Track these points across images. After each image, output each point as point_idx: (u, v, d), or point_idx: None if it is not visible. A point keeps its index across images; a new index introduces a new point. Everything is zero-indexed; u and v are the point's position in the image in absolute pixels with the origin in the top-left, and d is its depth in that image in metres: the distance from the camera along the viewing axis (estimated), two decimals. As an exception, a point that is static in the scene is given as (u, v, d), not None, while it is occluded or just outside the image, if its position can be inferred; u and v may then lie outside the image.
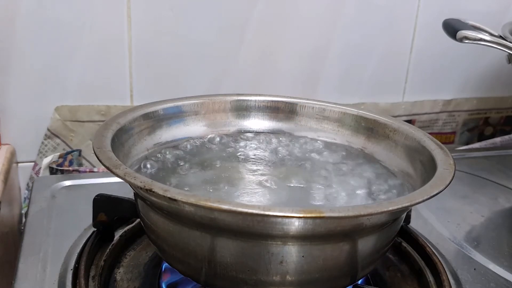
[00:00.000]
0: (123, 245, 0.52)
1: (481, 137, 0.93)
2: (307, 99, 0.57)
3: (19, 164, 0.71)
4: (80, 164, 0.72)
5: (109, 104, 0.71)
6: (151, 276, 0.49)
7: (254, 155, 0.52)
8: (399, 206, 0.36)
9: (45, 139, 0.70)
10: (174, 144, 0.52)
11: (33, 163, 0.71)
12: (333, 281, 0.41)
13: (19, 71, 0.67)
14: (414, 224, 0.56)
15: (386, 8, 0.78)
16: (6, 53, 0.65)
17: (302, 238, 0.37)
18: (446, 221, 0.60)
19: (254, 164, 0.50)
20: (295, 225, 0.36)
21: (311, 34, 0.76)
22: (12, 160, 0.67)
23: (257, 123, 0.57)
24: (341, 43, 0.78)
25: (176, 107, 0.53)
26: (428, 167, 0.45)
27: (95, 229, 0.51)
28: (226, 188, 0.45)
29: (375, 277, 0.50)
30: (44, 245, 0.51)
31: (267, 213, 0.33)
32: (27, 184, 0.72)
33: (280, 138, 0.55)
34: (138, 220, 0.53)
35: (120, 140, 0.45)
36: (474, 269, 0.52)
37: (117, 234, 0.52)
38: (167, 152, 0.50)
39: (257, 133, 0.56)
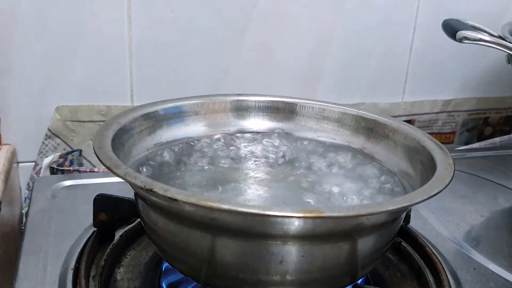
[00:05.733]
0: (124, 245, 0.52)
1: (481, 137, 0.93)
2: (307, 99, 0.57)
3: (20, 164, 0.71)
4: (81, 164, 0.72)
5: (109, 104, 0.71)
6: (151, 275, 0.49)
7: (254, 155, 0.52)
8: (399, 206, 0.36)
9: (45, 139, 0.70)
10: (174, 144, 0.52)
11: (33, 163, 0.71)
12: (333, 280, 0.41)
13: (19, 71, 0.67)
14: (413, 224, 0.56)
15: (386, 8, 0.78)
16: (7, 53, 0.65)
17: (302, 238, 0.37)
18: (445, 221, 0.61)
19: (254, 164, 0.50)
20: (295, 225, 0.36)
21: (311, 34, 0.77)
22: (12, 160, 0.67)
23: (257, 123, 0.57)
24: (341, 43, 0.78)
25: (176, 107, 0.53)
26: (427, 167, 0.45)
27: (96, 229, 0.51)
28: (226, 188, 0.45)
29: (375, 277, 0.50)
30: (45, 244, 0.51)
31: (267, 213, 0.33)
32: (28, 184, 0.72)
33: (280, 138, 0.55)
34: (138, 220, 0.53)
35: (121, 140, 0.46)
36: (474, 269, 0.52)
37: (118, 234, 0.52)
38: (167, 152, 0.50)
39: (257, 133, 0.56)
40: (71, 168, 0.69)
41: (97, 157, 0.40)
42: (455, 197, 0.66)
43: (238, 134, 0.55)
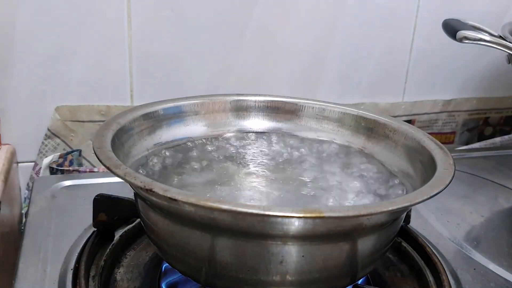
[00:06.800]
0: (123, 245, 0.52)
1: (481, 137, 0.93)
2: (307, 99, 0.57)
3: (19, 164, 0.71)
4: (80, 164, 0.72)
5: (109, 104, 0.71)
6: (151, 276, 0.49)
7: (254, 155, 0.52)
8: (399, 206, 0.36)
9: (45, 139, 0.70)
10: (174, 144, 0.52)
11: (33, 163, 0.71)
12: (333, 281, 0.41)
13: (19, 71, 0.67)
14: (414, 224, 0.56)
15: (386, 8, 0.78)
16: (6, 53, 0.65)
17: (302, 238, 0.37)
18: (446, 221, 0.60)
19: (254, 164, 0.50)
20: (295, 225, 0.36)
21: (311, 34, 0.76)
22: (12, 160, 0.67)
23: (257, 123, 0.57)
24: (341, 43, 0.78)
25: (176, 107, 0.53)
26: (428, 167, 0.45)
27: (95, 229, 0.51)
28: (226, 188, 0.45)
29: (375, 277, 0.50)
30: (44, 245, 0.51)
31: (267, 213, 0.33)
32: (27, 184, 0.72)
33: (280, 138, 0.55)
34: (138, 220, 0.53)
35: (120, 140, 0.45)
36: (474, 269, 0.52)
37: (117, 234, 0.52)
38: (167, 152, 0.50)
39: (257, 133, 0.56)
40: (70, 168, 0.69)
41: (97, 157, 0.40)
42: (455, 197, 0.66)
43: (238, 134, 0.55)
